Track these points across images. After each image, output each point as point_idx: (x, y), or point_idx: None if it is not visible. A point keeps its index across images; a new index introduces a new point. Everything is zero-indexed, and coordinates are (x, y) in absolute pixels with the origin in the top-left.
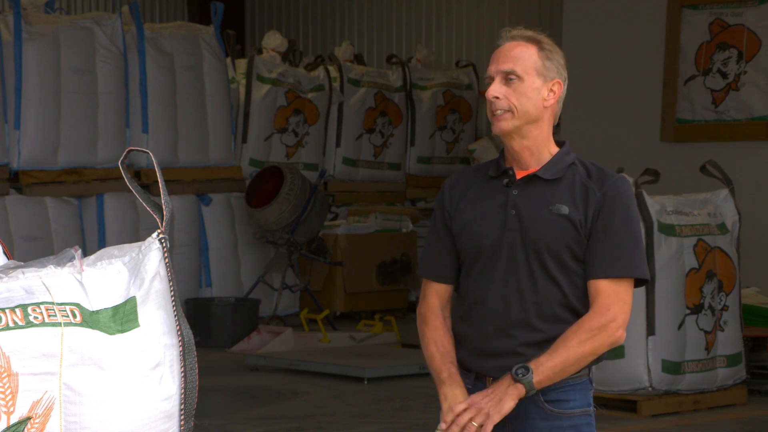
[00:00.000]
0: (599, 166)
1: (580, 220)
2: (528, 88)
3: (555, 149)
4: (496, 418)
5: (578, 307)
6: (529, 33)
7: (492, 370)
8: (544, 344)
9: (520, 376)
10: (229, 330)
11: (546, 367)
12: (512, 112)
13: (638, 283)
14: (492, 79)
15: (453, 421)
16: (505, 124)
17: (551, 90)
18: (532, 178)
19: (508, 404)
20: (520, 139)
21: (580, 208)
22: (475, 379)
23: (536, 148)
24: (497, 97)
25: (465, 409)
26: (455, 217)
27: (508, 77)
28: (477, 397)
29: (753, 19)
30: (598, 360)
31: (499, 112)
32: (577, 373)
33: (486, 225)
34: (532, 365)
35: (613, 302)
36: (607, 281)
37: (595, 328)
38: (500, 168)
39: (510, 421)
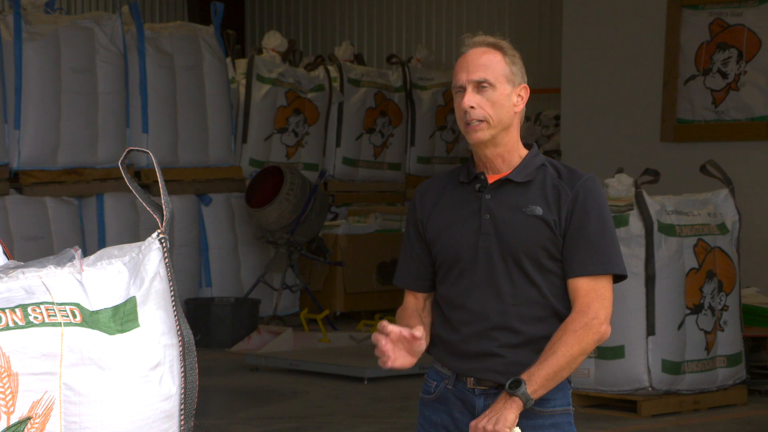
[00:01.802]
0: (569, 166)
1: (554, 219)
2: (500, 96)
3: (524, 152)
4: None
5: (557, 306)
6: (491, 39)
7: (472, 372)
8: (524, 345)
9: (514, 389)
10: (229, 330)
11: (538, 377)
12: (488, 122)
13: (616, 279)
14: (462, 89)
15: None
16: (481, 134)
17: (519, 95)
18: (504, 181)
19: (511, 416)
20: (494, 147)
21: (553, 209)
22: (456, 380)
23: (507, 154)
24: (473, 107)
25: None
26: (429, 225)
27: (481, 86)
28: (476, 422)
29: (753, 19)
30: None
31: (474, 122)
32: None
33: (461, 231)
34: (524, 377)
35: (593, 299)
36: (586, 279)
37: (579, 328)
38: (471, 173)
39: None
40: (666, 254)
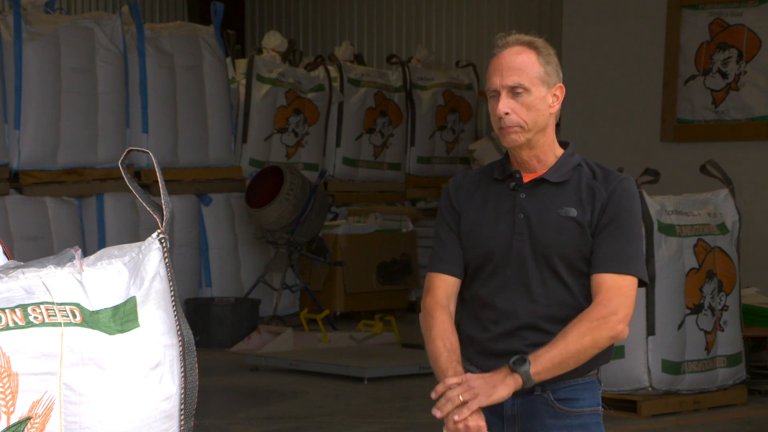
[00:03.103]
0: (603, 166)
1: (587, 220)
2: (535, 100)
3: (560, 151)
4: (483, 401)
5: (587, 308)
6: (526, 38)
7: None
8: None
9: (517, 366)
10: (229, 330)
11: (544, 359)
12: (522, 127)
13: (638, 284)
14: (497, 93)
15: (443, 395)
16: (516, 138)
17: (554, 95)
18: (540, 181)
19: (502, 392)
20: (529, 150)
21: (587, 210)
22: None
23: (543, 154)
24: (507, 113)
25: (457, 384)
26: (463, 217)
27: (515, 91)
28: (471, 376)
29: (753, 19)
30: (605, 360)
31: (509, 126)
32: (585, 372)
33: (494, 229)
34: (530, 357)
35: (615, 295)
36: (610, 275)
37: (596, 319)
38: (506, 171)
39: (520, 419)
40: (666, 254)
